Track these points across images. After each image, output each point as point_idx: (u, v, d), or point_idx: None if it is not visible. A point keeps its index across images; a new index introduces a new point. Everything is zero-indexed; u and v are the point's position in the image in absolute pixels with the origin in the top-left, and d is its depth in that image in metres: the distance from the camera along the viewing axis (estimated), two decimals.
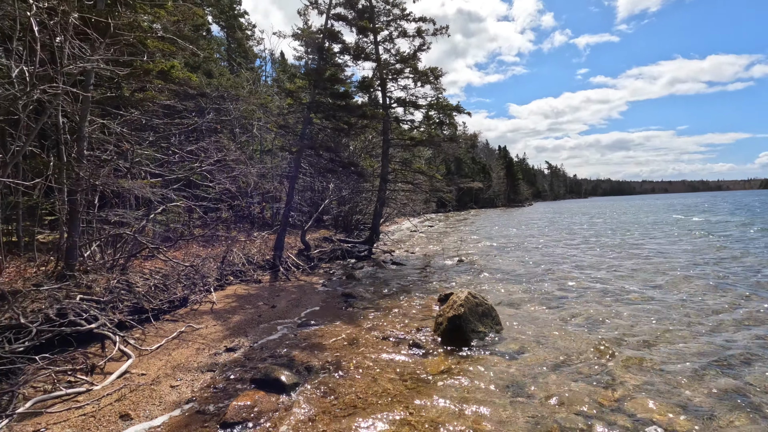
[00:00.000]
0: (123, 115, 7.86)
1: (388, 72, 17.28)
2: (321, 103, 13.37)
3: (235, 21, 32.76)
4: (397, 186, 19.42)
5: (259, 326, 7.71)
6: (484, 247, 19.70)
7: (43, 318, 5.74)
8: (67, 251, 7.18)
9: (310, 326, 7.70)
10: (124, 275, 8.05)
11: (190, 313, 8.31)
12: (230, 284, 11.12)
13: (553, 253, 16.98)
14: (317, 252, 15.47)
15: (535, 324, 7.53)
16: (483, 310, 6.92)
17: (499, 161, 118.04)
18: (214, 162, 10.62)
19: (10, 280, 6.80)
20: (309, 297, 10.10)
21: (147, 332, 7.08)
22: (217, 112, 15.79)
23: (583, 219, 40.19)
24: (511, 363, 5.80)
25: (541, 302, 9.13)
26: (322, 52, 12.96)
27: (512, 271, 13.01)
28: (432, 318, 8.06)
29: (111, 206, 8.41)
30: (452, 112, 17.94)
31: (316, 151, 13.14)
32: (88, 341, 6.21)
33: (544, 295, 9.73)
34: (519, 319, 7.86)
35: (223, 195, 13.18)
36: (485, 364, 5.79)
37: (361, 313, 8.55)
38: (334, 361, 5.95)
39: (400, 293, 10.37)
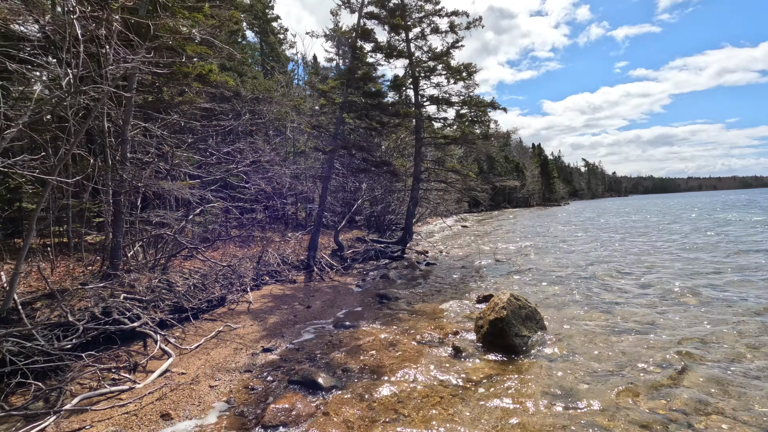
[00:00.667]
0: (163, 119, 8.06)
1: (421, 70, 17.02)
2: (354, 103, 13.30)
3: (268, 26, 33.43)
4: (430, 185, 19.11)
5: (295, 326, 7.67)
6: (521, 247, 19.05)
7: (89, 316, 5.89)
8: (112, 251, 7.40)
9: (346, 327, 7.57)
10: (165, 275, 8.22)
11: (227, 313, 8.39)
12: (266, 284, 11.20)
13: (593, 253, 16.16)
14: (350, 252, 15.42)
15: (582, 328, 7.09)
16: (526, 312, 6.56)
17: (533, 159, 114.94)
18: (249, 163, 10.74)
19: (60, 279, 7.07)
20: (344, 298, 10.01)
21: (187, 331, 7.17)
22: (251, 115, 16.05)
23: (624, 218, 38.28)
24: (559, 369, 5.43)
25: (586, 305, 8.62)
26: (355, 50, 12.89)
27: (552, 272, 12.44)
28: (471, 320, 7.77)
29: (152, 207, 8.63)
30: (486, 109, 17.46)
31: (349, 151, 13.07)
32: (131, 339, 6.34)
33: (589, 297, 9.20)
34: (564, 322, 7.42)
35: (259, 196, 13.35)
36: (532, 370, 5.45)
37: (397, 315, 8.35)
38: (372, 363, 5.78)
39: (436, 294, 10.10)
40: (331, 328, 7.57)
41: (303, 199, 20.44)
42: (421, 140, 17.42)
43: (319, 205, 13.53)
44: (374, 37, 13.93)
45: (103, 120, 7.67)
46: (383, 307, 9.09)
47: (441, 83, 17.34)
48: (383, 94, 13.92)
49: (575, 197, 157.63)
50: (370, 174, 15.60)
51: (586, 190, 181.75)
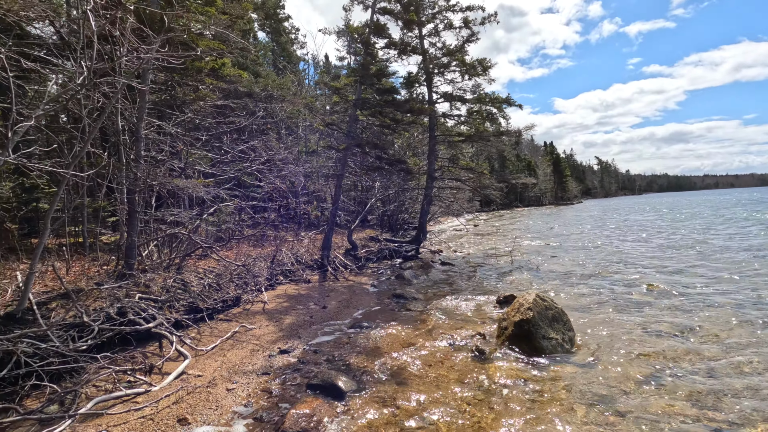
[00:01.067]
0: (177, 116, 7.96)
1: (435, 66, 16.74)
2: (367, 100, 13.10)
3: (279, 25, 33.44)
4: (444, 183, 18.82)
5: (311, 327, 7.49)
6: (537, 247, 18.67)
7: (104, 317, 5.78)
8: (127, 251, 7.31)
9: (364, 328, 7.38)
10: (180, 274, 8.11)
11: (242, 313, 8.26)
12: (280, 284, 11.07)
13: (614, 252, 15.73)
14: (364, 252, 15.23)
15: (611, 330, 6.78)
16: (553, 314, 6.28)
17: (545, 158, 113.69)
18: (263, 162, 10.61)
19: (75, 278, 6.99)
20: (359, 298, 9.82)
21: (202, 332, 7.04)
22: (264, 113, 15.96)
23: (640, 217, 37.46)
24: (593, 375, 5.16)
25: (613, 306, 8.29)
26: (368, 46, 12.68)
27: (572, 272, 12.09)
28: (492, 321, 7.51)
29: (166, 206, 8.54)
30: (502, 105, 17.12)
31: (363, 149, 12.89)
32: (146, 340, 6.22)
33: (616, 299, 8.86)
34: (592, 324, 7.12)
35: (272, 194, 13.23)
36: (562, 375, 5.18)
37: (414, 315, 8.13)
38: (393, 366, 5.57)
39: (454, 294, 9.85)
40: (348, 330, 7.37)
41: (315, 198, 20.33)
42: (434, 138, 17.15)
43: (333, 204, 13.35)
44: (387, 33, 13.72)
45: (117, 118, 7.60)
46: (400, 307, 8.87)
47: (455, 79, 17.05)
48: (397, 90, 13.70)
49: (588, 196, 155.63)
50: (383, 172, 15.38)
51: (599, 188, 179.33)
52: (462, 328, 7.18)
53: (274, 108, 17.82)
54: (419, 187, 20.54)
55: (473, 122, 17.71)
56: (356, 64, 20.62)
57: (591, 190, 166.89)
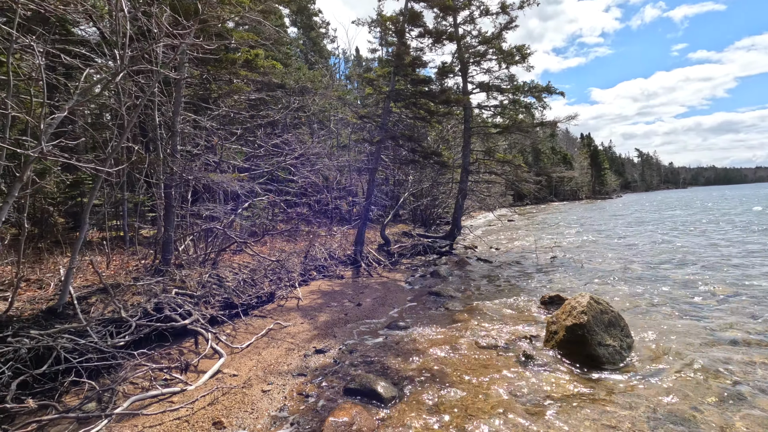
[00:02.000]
0: (212, 110, 7.91)
1: (470, 55, 16.12)
2: (401, 91, 12.72)
3: (310, 20, 33.44)
4: (479, 177, 18.21)
5: (346, 326, 7.27)
6: (578, 243, 17.76)
7: (141, 312, 5.75)
8: (163, 246, 7.31)
9: (400, 328, 7.08)
10: (215, 269, 8.08)
11: (277, 310, 8.14)
12: (314, 279, 10.94)
13: (660, 248, 14.68)
14: (397, 247, 14.93)
15: (674, 337, 6.16)
16: (609, 318, 5.75)
17: (582, 150, 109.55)
18: (296, 156, 10.46)
19: (114, 273, 7.05)
20: (394, 295, 9.53)
21: (237, 328, 6.95)
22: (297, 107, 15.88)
23: (688, 211, 35.19)
24: (658, 389, 4.63)
25: (672, 309, 7.60)
26: (402, 35, 12.27)
27: (620, 270, 11.32)
28: (537, 324, 7.04)
29: (202, 201, 8.52)
30: (542, 94, 16.31)
31: (397, 142, 12.53)
32: (182, 336, 6.17)
33: (673, 301, 8.15)
34: (652, 329, 6.51)
35: (305, 189, 13.12)
36: (625, 388, 4.68)
37: (453, 315, 7.75)
38: (434, 371, 5.24)
39: (494, 294, 9.38)
40: (384, 329, 7.09)
41: (348, 192, 20.18)
42: (469, 129, 16.57)
43: (366, 199, 13.10)
44: (422, 21, 13.24)
45: (155, 112, 7.60)
46: (437, 306, 8.51)
47: (492, 68, 16.38)
48: (432, 80, 13.24)
49: (627, 189, 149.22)
50: (417, 166, 14.96)
51: (639, 182, 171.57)
52: (505, 330, 6.75)
53: (307, 101, 17.75)
54: (453, 181, 20.00)
55: (510, 113, 16.99)
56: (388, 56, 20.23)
57: (631, 183, 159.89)
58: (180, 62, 7.34)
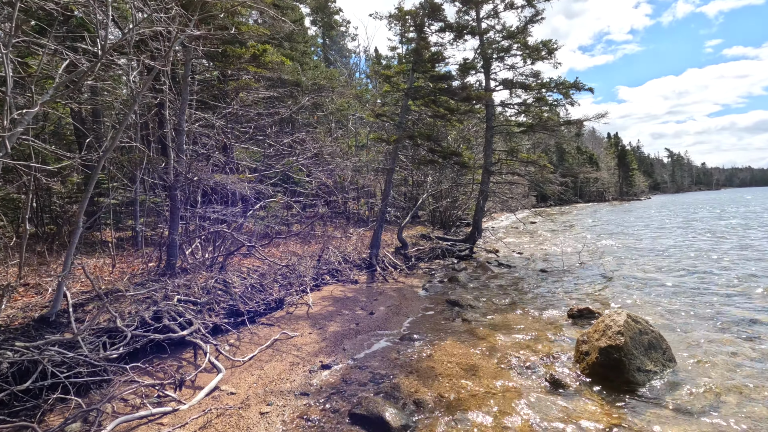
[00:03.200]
0: (221, 108, 7.60)
1: (493, 50, 15.43)
2: (420, 89, 12.19)
3: (330, 18, 33.21)
4: (502, 178, 17.48)
5: (357, 337, 6.81)
6: (606, 248, 16.82)
7: (138, 321, 5.43)
8: (168, 249, 7.03)
9: (415, 341, 6.58)
10: (223, 274, 7.75)
11: (285, 317, 7.76)
12: (326, 284, 10.55)
13: (697, 255, 13.66)
14: (414, 250, 14.41)
15: (723, 359, 5.45)
16: (650, 339, 5.11)
17: (609, 150, 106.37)
18: (310, 156, 10.09)
19: (117, 277, 6.80)
20: (410, 303, 9.02)
21: (241, 338, 6.60)
22: (313, 106, 15.54)
23: (726, 214, 33.29)
24: (711, 424, 3.99)
25: (715, 325, 6.85)
26: (422, 30, 11.74)
27: (655, 280, 10.49)
28: (564, 340, 6.43)
29: (210, 202, 8.23)
30: (569, 90, 15.48)
31: (415, 141, 12.02)
32: (182, 345, 5.84)
33: (717, 315, 7.36)
34: (695, 350, 5.81)
35: (320, 190, 12.76)
36: (670, 423, 4.06)
37: (473, 328, 7.20)
38: (449, 395, 4.72)
39: (516, 304, 8.77)
40: (397, 342, 6.60)
41: (364, 193, 19.77)
42: (492, 128, 15.88)
43: (383, 200, 12.63)
44: (443, 15, 12.68)
45: (166, 111, 7.34)
46: (455, 317, 7.96)
47: (516, 64, 15.64)
48: (452, 76, 12.66)
49: (656, 191, 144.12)
50: (436, 166, 14.40)
51: (669, 183, 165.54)
52: (529, 347, 6.16)
53: (324, 100, 17.41)
54: (473, 182, 19.32)
55: (535, 111, 16.21)
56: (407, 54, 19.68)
57: (660, 184, 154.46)
58: (187, 58, 7.04)
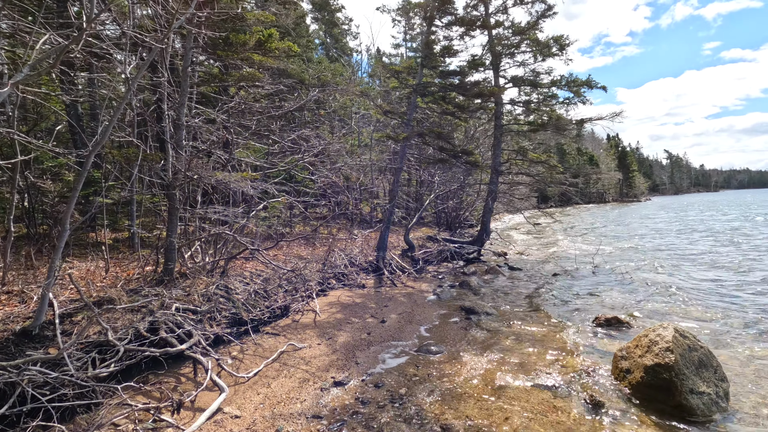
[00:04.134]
0: (221, 100, 7.09)
1: (503, 47, 14.94)
2: (428, 85, 11.70)
3: (333, 16, 32.71)
4: (510, 179, 17.00)
5: (369, 349, 6.31)
6: (617, 251, 16.35)
7: (132, 334, 4.91)
8: (166, 253, 6.51)
9: (432, 353, 6.08)
10: (224, 279, 7.24)
11: (291, 326, 7.25)
12: (333, 288, 10.04)
13: (716, 257, 13.18)
14: (422, 253, 13.91)
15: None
16: (700, 357, 4.61)
17: (609, 151, 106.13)
18: (316, 154, 9.58)
19: (111, 283, 6.27)
20: (422, 310, 8.52)
21: (245, 349, 6.08)
22: (316, 103, 15.04)
23: (730, 216, 32.82)
24: None
25: (758, 336, 6.36)
26: (432, 23, 11.25)
27: (675, 285, 10.00)
28: (595, 353, 5.94)
29: (211, 202, 7.72)
30: (580, 88, 15.00)
31: (424, 139, 11.52)
32: (181, 359, 5.33)
33: (757, 326, 6.88)
34: (746, 370, 5.32)
35: (326, 190, 12.25)
36: None
37: (491, 339, 6.70)
38: (481, 420, 4.22)
39: (534, 311, 8.28)
40: (414, 354, 6.10)
41: (369, 193, 19.27)
42: (501, 127, 15.38)
43: (390, 201, 12.13)
44: (453, 8, 12.16)
45: (165, 104, 6.82)
46: (472, 325, 7.46)
47: (526, 61, 15.16)
48: (463, 71, 12.16)
49: (656, 192, 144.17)
50: (447, 165, 13.88)
51: (668, 184, 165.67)
52: (559, 361, 5.66)
53: (327, 97, 16.91)
54: (480, 182, 18.83)
55: (546, 110, 15.72)
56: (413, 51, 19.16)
57: (659, 186, 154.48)
58: (186, 48, 6.53)
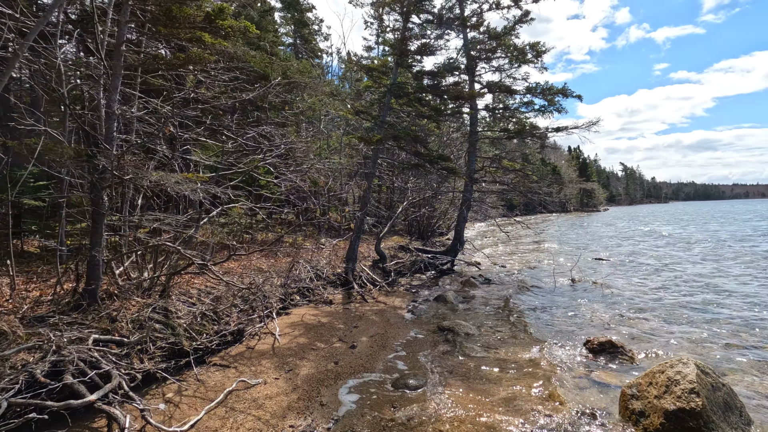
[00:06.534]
0: (164, 88, 6.00)
1: (479, 51, 14.47)
2: (404, 85, 10.95)
3: (303, 15, 31.65)
4: (483, 186, 16.51)
5: (337, 383, 5.34)
6: (591, 263, 16.14)
7: (24, 381, 3.74)
8: (88, 269, 5.30)
9: (410, 388, 5.20)
10: (165, 299, 6.08)
11: (245, 355, 6.16)
12: (296, 305, 8.99)
13: (695, 273, 13.11)
14: (393, 264, 13.05)
15: None
16: (723, 397, 3.98)
17: (570, 162, 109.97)
18: (279, 155, 8.55)
19: (13, 307, 5.01)
20: (396, 331, 7.63)
21: (184, 389, 4.97)
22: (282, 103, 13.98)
23: (686, 226, 34.11)
24: None
25: (757, 361, 5.89)
26: (408, 18, 10.53)
27: (658, 301, 9.65)
28: (594, 386, 5.26)
29: (150, 208, 6.55)
30: (555, 97, 14.72)
31: (398, 143, 10.74)
32: (93, 410, 4.18)
33: (751, 347, 6.44)
34: (760, 400, 4.76)
35: (290, 195, 11.19)
36: None
37: (477, 367, 5.90)
38: None
39: (520, 332, 7.58)
40: (389, 390, 5.20)
41: (338, 200, 18.28)
42: (476, 134, 14.86)
43: (361, 208, 11.23)
44: (430, 6, 11.50)
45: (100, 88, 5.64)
46: (453, 348, 6.65)
47: (502, 66, 14.75)
48: (440, 73, 11.50)
49: (612, 203, 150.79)
50: (420, 172, 13.17)
51: (624, 195, 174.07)
52: (555, 399, 4.91)
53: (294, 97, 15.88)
54: (454, 190, 18.27)
55: (520, 117, 15.36)
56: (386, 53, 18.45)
57: (615, 197, 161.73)
58: (122, 20, 5.41)
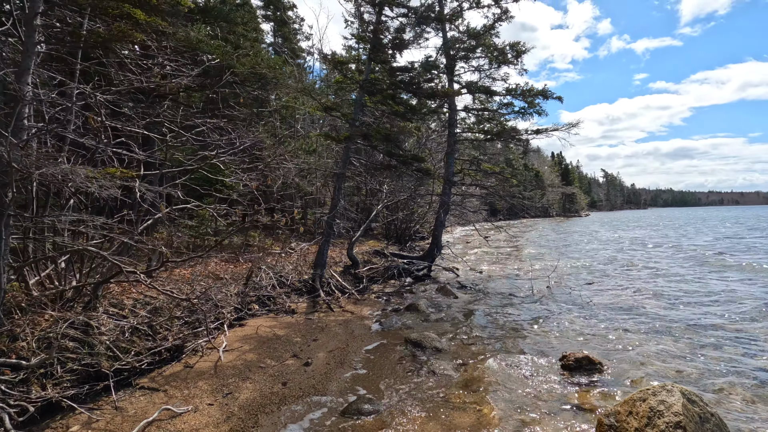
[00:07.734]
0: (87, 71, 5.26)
1: (458, 50, 14.01)
2: (378, 82, 10.38)
3: (283, 14, 30.91)
4: (463, 189, 16.04)
5: (280, 410, 4.67)
6: (570, 269, 15.80)
7: None
8: None
9: (364, 414, 4.57)
10: (89, 312, 5.31)
11: (180, 375, 5.42)
12: (254, 315, 8.27)
13: (681, 280, 12.82)
14: (366, 270, 12.41)
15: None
16: (713, 429, 3.45)
17: (553, 168, 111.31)
18: (235, 152, 7.84)
19: None
20: (359, 344, 6.99)
21: (94, 420, 4.21)
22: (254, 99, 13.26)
23: (669, 232, 34.42)
24: None
25: (751, 381, 5.45)
26: (382, 10, 9.97)
27: (638, 309, 9.24)
28: (570, 409, 4.72)
29: (70, 208, 5.77)
30: (535, 99, 14.36)
31: (370, 142, 10.15)
32: None
33: (738, 363, 6.01)
34: (745, 424, 4.28)
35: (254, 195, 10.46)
36: None
37: (444, 387, 5.31)
38: None
39: (492, 345, 7.03)
40: (339, 418, 4.55)
41: (312, 201, 17.57)
42: (454, 135, 14.39)
43: (330, 210, 10.58)
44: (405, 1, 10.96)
45: None
46: (420, 367, 6.04)
47: (481, 66, 14.33)
48: (416, 69, 10.98)
49: (594, 208, 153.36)
50: (394, 173, 12.61)
51: (604, 201, 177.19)
52: (527, 425, 4.35)
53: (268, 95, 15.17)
54: (432, 193, 17.76)
55: (500, 119, 14.96)
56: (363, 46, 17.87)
57: (597, 202, 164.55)
58: None
